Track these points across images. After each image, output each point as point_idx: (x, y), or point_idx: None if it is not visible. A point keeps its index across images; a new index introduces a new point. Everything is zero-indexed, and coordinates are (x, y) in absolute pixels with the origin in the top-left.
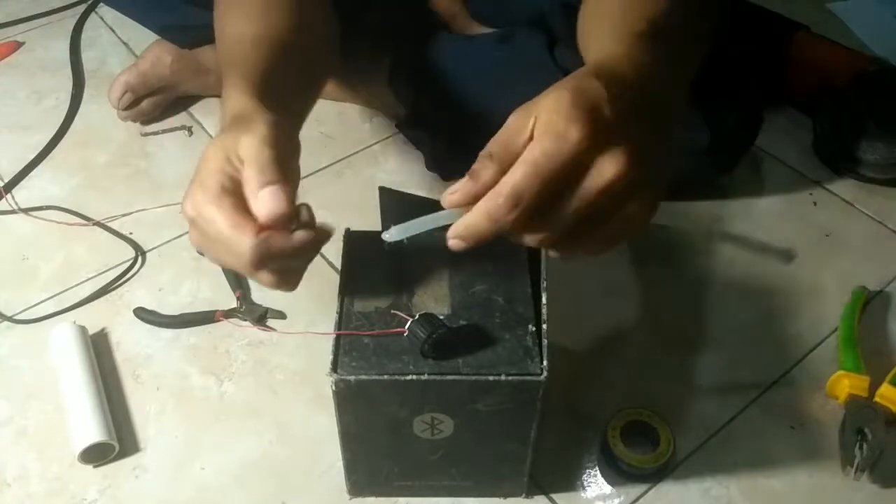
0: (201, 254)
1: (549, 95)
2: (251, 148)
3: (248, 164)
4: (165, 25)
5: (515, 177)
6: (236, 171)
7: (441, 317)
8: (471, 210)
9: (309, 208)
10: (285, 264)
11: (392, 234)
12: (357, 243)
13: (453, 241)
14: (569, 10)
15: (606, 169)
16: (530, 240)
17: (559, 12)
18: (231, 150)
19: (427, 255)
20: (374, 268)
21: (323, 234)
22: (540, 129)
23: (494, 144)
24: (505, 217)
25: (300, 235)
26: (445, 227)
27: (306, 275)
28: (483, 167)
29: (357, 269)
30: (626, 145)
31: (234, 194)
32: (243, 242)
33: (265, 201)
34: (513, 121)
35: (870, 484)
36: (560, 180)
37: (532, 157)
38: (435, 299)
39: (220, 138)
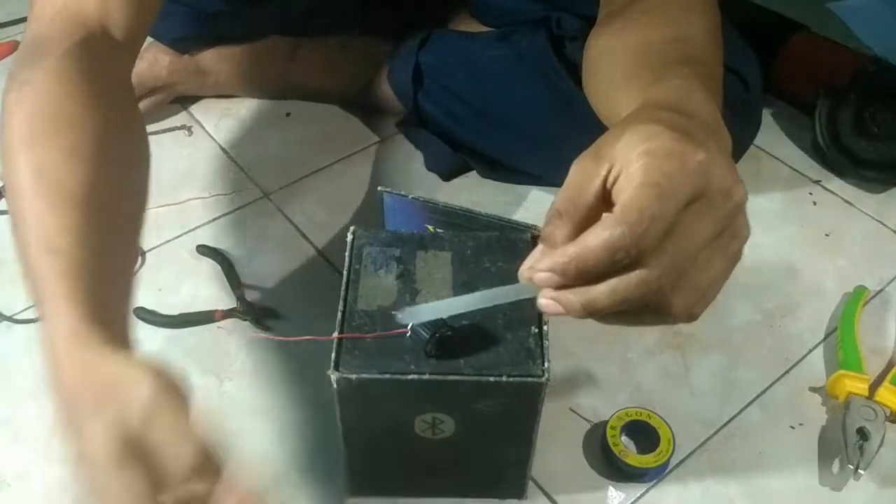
0: None
1: (627, 134)
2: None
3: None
4: (174, 38)
5: (638, 198)
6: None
7: (444, 317)
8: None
9: None
10: None
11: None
12: (362, 242)
13: (542, 276)
14: (581, 16)
15: (736, 191)
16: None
17: (569, 17)
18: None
19: (431, 255)
20: (377, 267)
21: None
22: (643, 160)
23: (562, 201)
24: (627, 249)
25: None
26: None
27: (307, 275)
28: (555, 228)
29: (361, 267)
30: (733, 166)
31: None
32: None
33: None
34: (578, 171)
35: (870, 484)
36: (682, 209)
37: (652, 178)
38: (438, 299)
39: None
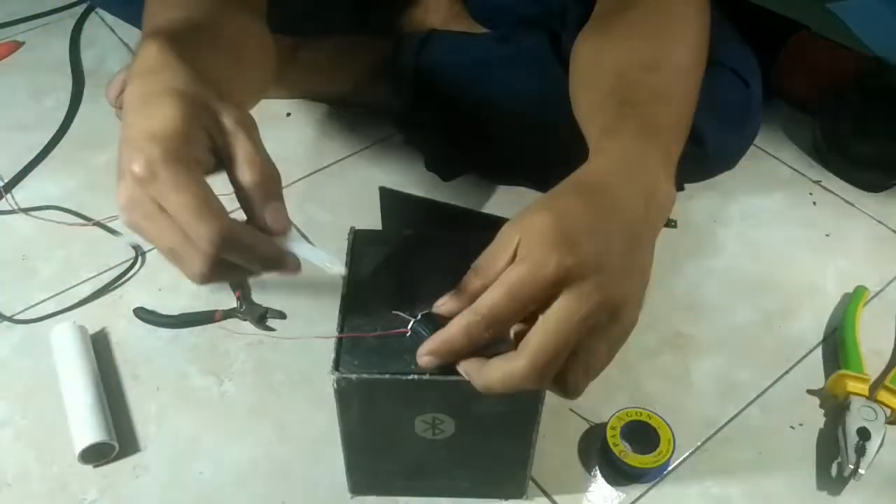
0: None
1: (536, 218)
2: (248, 128)
3: (250, 150)
4: None
5: (492, 296)
6: (217, 138)
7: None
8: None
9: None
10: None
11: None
12: (362, 242)
13: (426, 359)
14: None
15: (571, 300)
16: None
17: (572, 7)
18: (209, 113)
19: (431, 255)
20: (378, 267)
21: (290, 265)
22: (521, 253)
23: (482, 259)
24: (481, 334)
25: (280, 258)
26: None
27: (307, 275)
28: (470, 281)
29: (361, 267)
30: (597, 276)
31: (203, 164)
32: (209, 226)
33: (274, 218)
34: (501, 237)
35: (870, 484)
36: (534, 304)
37: (508, 279)
38: (438, 300)
39: (183, 88)
